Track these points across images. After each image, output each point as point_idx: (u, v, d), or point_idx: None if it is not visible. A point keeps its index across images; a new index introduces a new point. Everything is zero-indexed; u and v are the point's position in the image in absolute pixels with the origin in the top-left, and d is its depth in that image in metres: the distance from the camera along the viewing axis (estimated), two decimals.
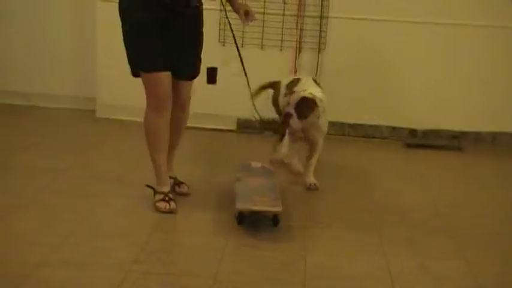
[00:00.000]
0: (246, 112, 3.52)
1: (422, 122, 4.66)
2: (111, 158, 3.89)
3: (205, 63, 4.47)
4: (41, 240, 2.71)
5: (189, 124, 3.48)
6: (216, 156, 4.10)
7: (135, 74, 3.12)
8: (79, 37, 4.92)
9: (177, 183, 3.34)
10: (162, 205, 3.12)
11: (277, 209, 2.96)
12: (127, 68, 3.41)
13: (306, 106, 3.36)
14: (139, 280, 2.44)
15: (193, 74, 3.23)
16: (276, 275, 2.56)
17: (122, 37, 3.11)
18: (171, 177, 3.29)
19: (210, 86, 4.47)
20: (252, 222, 2.98)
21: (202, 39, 3.24)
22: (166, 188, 3.18)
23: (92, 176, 3.57)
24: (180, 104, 3.23)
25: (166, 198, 3.13)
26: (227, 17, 3.28)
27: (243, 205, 2.97)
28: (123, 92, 4.54)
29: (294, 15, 4.52)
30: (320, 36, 4.54)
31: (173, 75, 3.12)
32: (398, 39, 4.54)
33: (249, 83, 3.34)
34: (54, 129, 4.49)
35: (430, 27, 4.51)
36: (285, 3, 4.45)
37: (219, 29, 4.54)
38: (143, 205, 3.21)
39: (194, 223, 3.02)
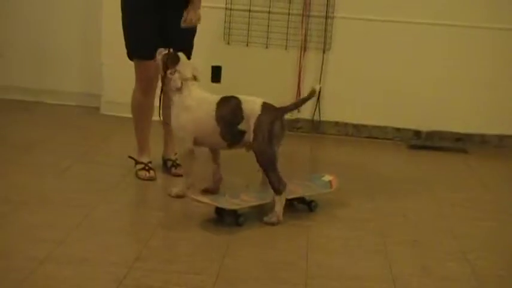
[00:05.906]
0: None
1: (427, 123, 4.65)
2: (115, 155, 3.89)
3: (210, 62, 4.50)
4: (45, 236, 2.72)
5: None
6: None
7: (130, 57, 3.38)
8: (85, 34, 4.93)
9: (175, 165, 3.52)
10: (143, 173, 3.43)
11: (267, 201, 3.00)
12: (131, 64, 3.43)
13: None
14: (142, 277, 2.44)
15: (190, 50, 3.41)
16: (278, 273, 2.56)
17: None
18: (170, 160, 3.55)
19: (214, 84, 4.54)
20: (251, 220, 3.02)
21: None
22: (146, 159, 3.48)
23: (96, 173, 3.58)
24: None
25: (147, 168, 3.45)
26: None
27: (228, 205, 2.94)
28: (127, 89, 4.53)
29: (300, 15, 4.52)
30: (325, 36, 4.53)
31: None
32: (404, 40, 4.54)
33: None
34: (59, 126, 4.50)
35: (435, 28, 4.50)
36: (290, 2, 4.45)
37: (224, 28, 4.55)
38: (147, 202, 3.20)
39: (197, 220, 3.02)
